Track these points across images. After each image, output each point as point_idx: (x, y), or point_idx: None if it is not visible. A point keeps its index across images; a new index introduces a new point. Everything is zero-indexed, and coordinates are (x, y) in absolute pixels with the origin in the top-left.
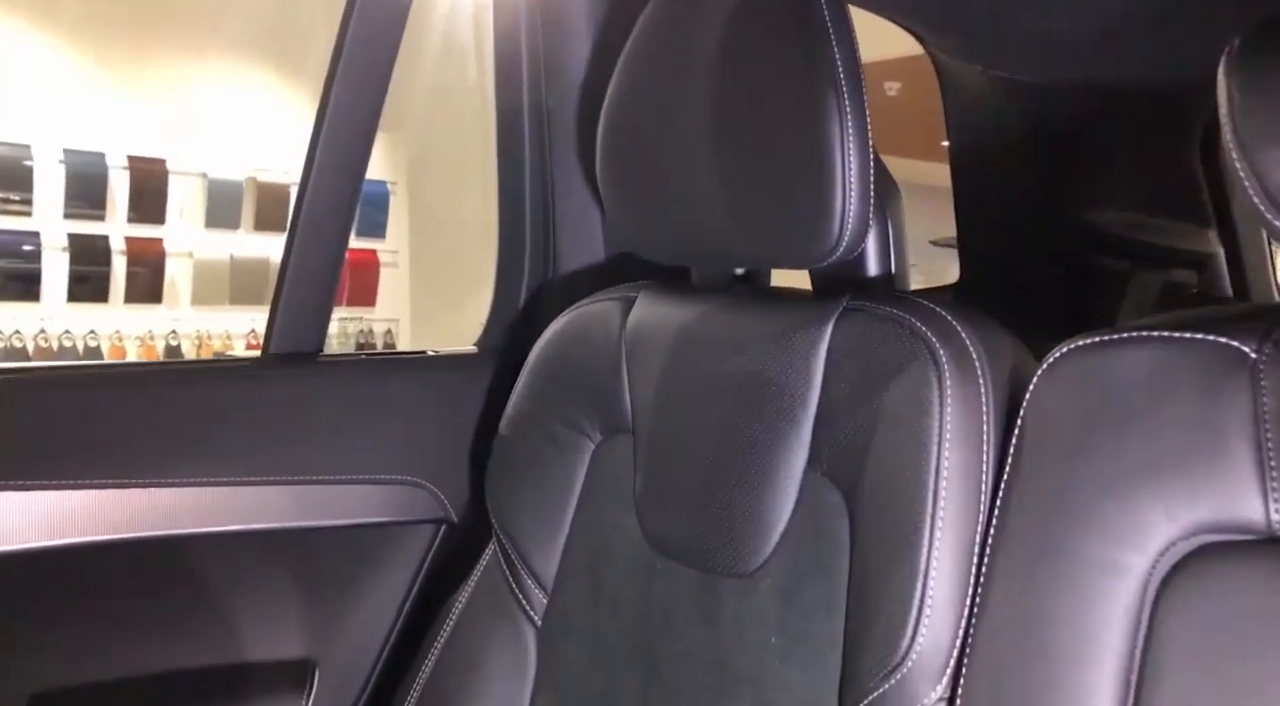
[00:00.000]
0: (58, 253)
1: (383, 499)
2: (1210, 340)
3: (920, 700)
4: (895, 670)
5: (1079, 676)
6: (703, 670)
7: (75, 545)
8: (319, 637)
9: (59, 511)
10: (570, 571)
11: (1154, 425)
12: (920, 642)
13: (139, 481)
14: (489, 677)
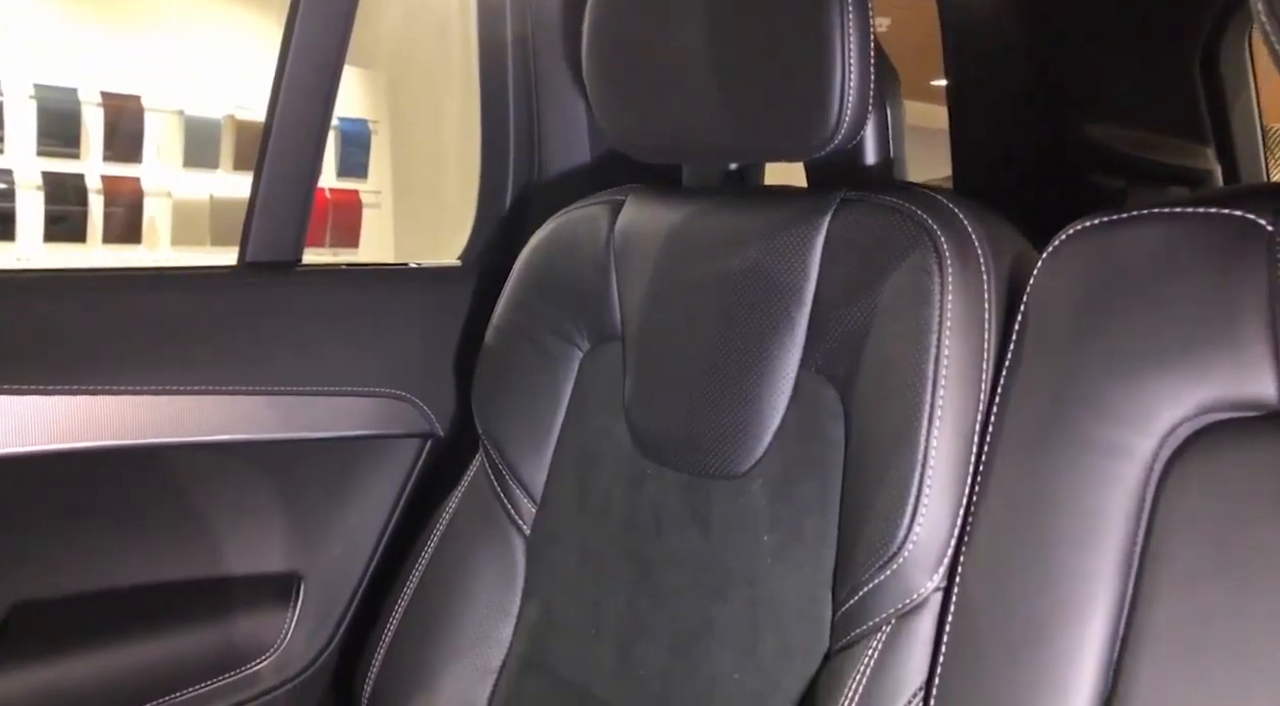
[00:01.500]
0: (32, 191)
1: (367, 412)
2: (1225, 214)
3: (916, 590)
4: (890, 560)
5: (1080, 559)
6: (693, 572)
7: (50, 452)
8: (305, 551)
9: (31, 417)
10: (559, 480)
11: (1163, 303)
12: (917, 532)
13: (114, 388)
14: (478, 587)
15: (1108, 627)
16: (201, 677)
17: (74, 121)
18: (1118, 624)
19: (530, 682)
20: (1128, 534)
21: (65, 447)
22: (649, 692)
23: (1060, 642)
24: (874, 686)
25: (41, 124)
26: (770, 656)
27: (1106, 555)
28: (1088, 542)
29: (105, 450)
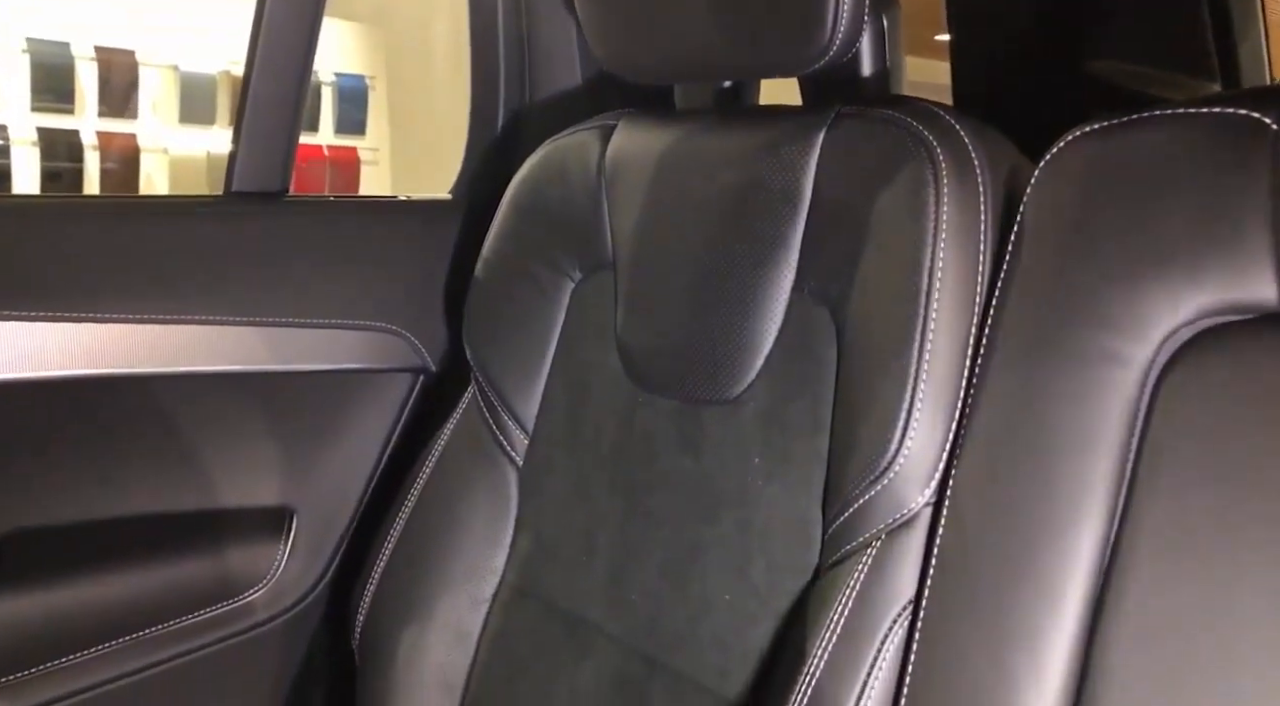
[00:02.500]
0: (27, 147)
1: (357, 345)
2: (1229, 113)
3: (907, 505)
4: (882, 475)
5: (1073, 468)
6: (684, 496)
7: (38, 380)
8: (297, 485)
9: (18, 344)
10: (550, 411)
11: (1162, 205)
12: (908, 446)
13: (100, 316)
14: (470, 518)
15: (1100, 535)
16: (194, 607)
17: (68, 76)
18: (1110, 530)
19: (522, 610)
20: (1122, 441)
21: (53, 376)
22: (640, 616)
23: (1052, 551)
24: (864, 600)
25: (35, 79)
26: (761, 576)
27: (1100, 463)
28: (1081, 451)
29: (93, 379)
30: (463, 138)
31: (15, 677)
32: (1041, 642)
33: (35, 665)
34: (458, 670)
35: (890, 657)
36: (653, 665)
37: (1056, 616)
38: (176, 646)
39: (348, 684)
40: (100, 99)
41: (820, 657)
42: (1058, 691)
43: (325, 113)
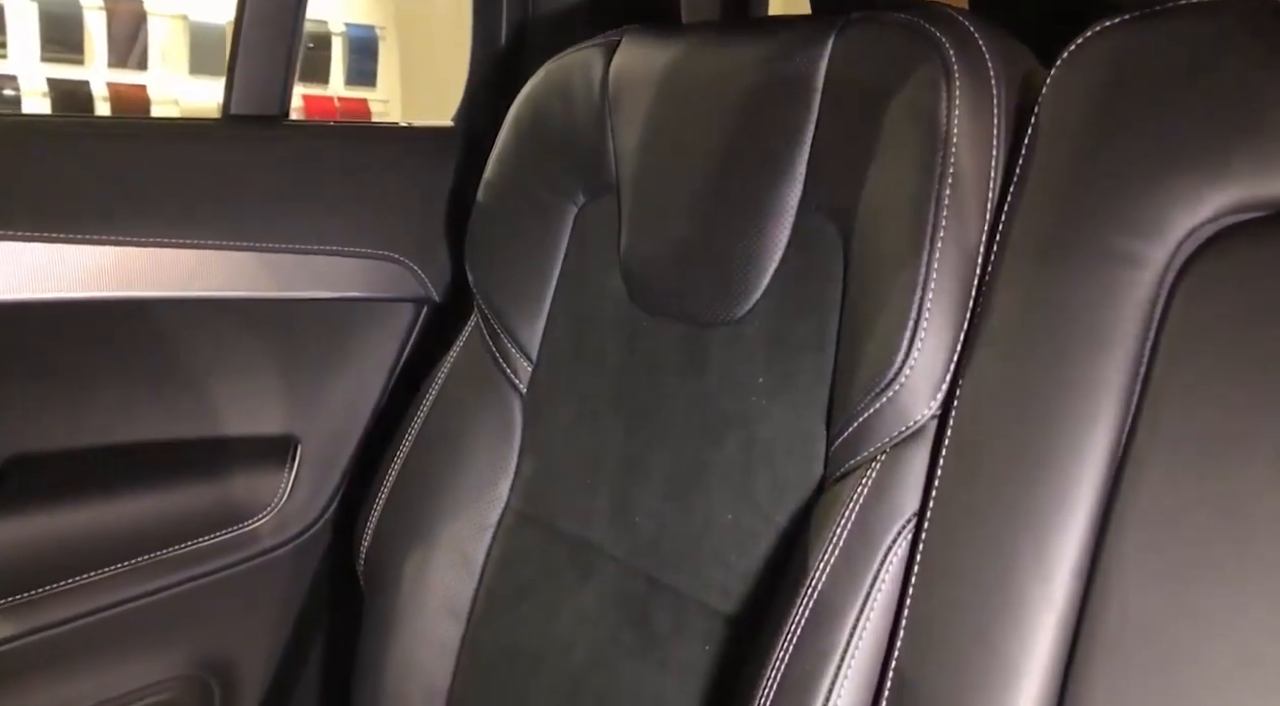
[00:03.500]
0: (38, 98)
1: (359, 273)
2: (1256, 3)
3: (912, 417)
4: (887, 388)
5: (1086, 372)
6: (688, 418)
7: (38, 302)
8: (301, 415)
9: (17, 264)
10: (554, 337)
11: (1186, 99)
12: (914, 357)
13: (100, 238)
14: (474, 445)
15: (1111, 440)
16: (199, 533)
17: (76, 26)
18: (1121, 435)
19: (526, 535)
20: (1136, 344)
21: (53, 297)
22: (642, 537)
23: (1061, 457)
24: (867, 514)
25: (44, 29)
26: (764, 494)
27: (1113, 367)
28: (1094, 356)
29: (91, 302)
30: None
31: (21, 598)
32: (1049, 549)
33: (41, 586)
34: (463, 595)
35: (894, 569)
36: (655, 584)
37: (1064, 522)
38: (182, 571)
39: (354, 610)
40: (110, 49)
41: (822, 571)
42: (1064, 597)
43: (335, 64)
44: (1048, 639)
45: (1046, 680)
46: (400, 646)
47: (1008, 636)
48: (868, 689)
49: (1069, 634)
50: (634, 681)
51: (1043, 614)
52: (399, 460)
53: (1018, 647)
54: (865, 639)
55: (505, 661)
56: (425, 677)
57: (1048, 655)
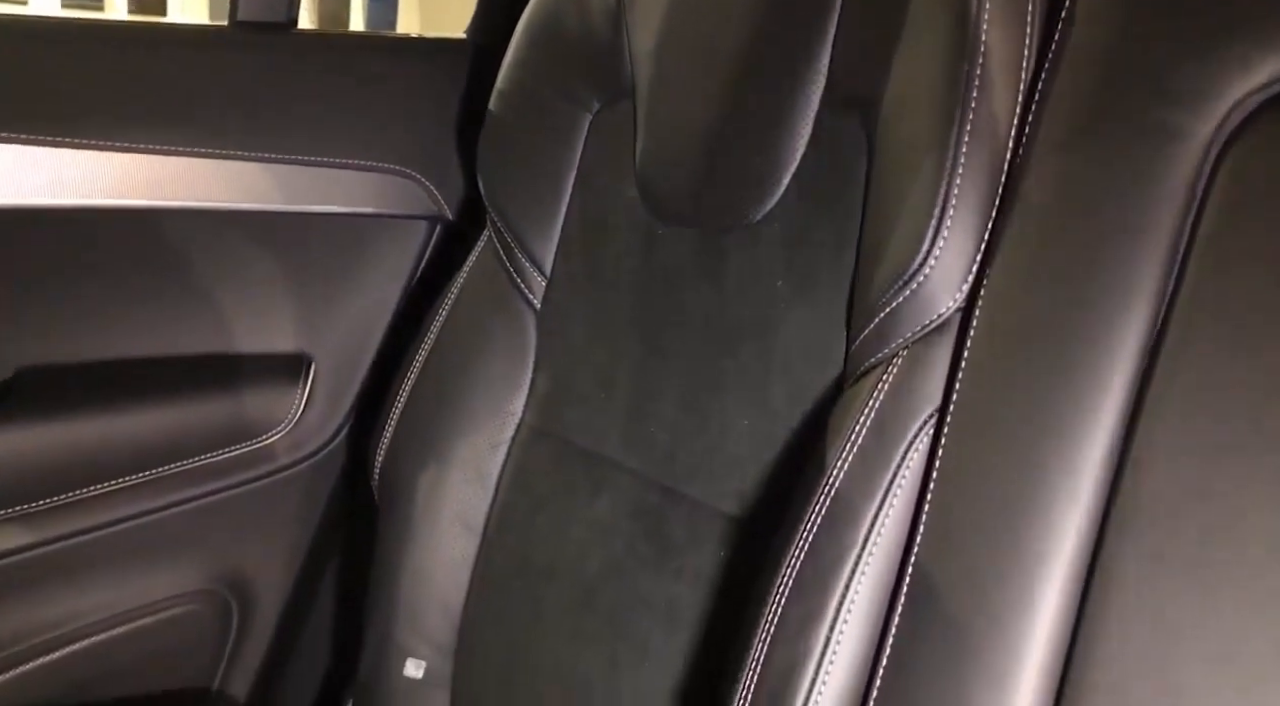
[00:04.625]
0: None
1: (370, 189)
2: None
3: (937, 310)
4: (911, 279)
5: (1121, 255)
6: (703, 329)
7: (50, 208)
8: (314, 333)
9: (29, 167)
10: (568, 251)
11: None
12: (940, 246)
13: (111, 144)
14: (487, 362)
15: (1146, 326)
16: (211, 448)
17: None
18: (1154, 323)
19: (541, 450)
20: (1175, 225)
21: (56, 204)
22: (658, 449)
23: (1091, 349)
24: (886, 412)
25: None
26: (781, 400)
27: (1150, 250)
28: (1130, 237)
29: (99, 210)
30: None
31: (35, 507)
32: (1076, 441)
33: (55, 495)
34: (477, 511)
35: (914, 466)
36: (670, 495)
37: (1093, 413)
38: (197, 486)
39: (369, 527)
40: None
41: (840, 469)
42: (1091, 489)
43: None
44: (1073, 530)
45: (1072, 571)
46: (414, 561)
47: (1032, 529)
48: (885, 586)
49: (1095, 525)
50: (648, 590)
51: (1068, 506)
52: (412, 377)
53: (1043, 540)
54: (884, 536)
55: (519, 574)
56: (439, 591)
57: (1073, 547)
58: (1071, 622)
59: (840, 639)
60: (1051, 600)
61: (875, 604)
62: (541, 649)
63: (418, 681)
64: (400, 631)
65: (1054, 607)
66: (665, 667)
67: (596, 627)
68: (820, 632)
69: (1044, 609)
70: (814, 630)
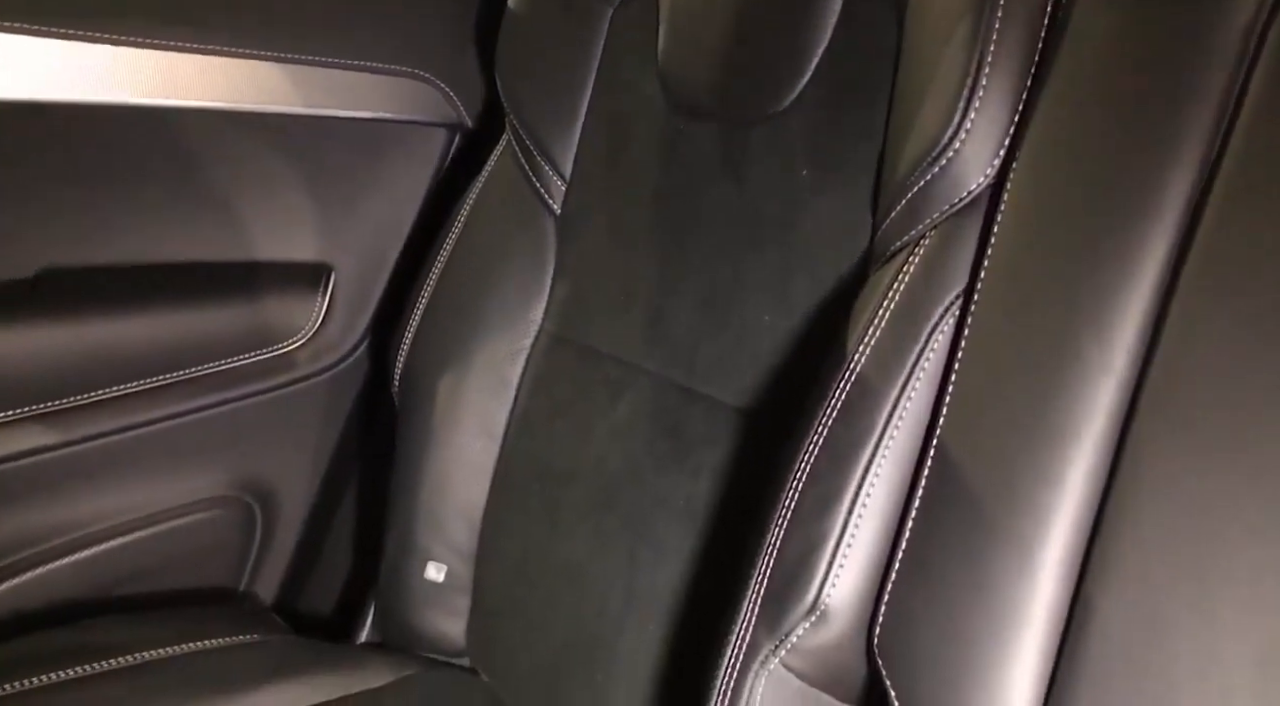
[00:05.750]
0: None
1: (389, 93)
2: None
3: (966, 187)
4: (941, 155)
5: (1164, 122)
6: (725, 226)
7: (67, 103)
8: (334, 241)
9: (33, 59)
10: (588, 153)
11: None
12: (972, 118)
13: (127, 39)
14: (507, 268)
15: (1183, 198)
16: (232, 352)
17: None
18: (1195, 189)
19: (560, 356)
20: (1222, 89)
21: (78, 99)
22: (678, 350)
23: (1128, 218)
24: (912, 294)
25: None
26: (803, 294)
27: (1195, 117)
28: (1174, 106)
29: (121, 108)
30: None
31: (58, 405)
32: (1109, 313)
33: (77, 394)
34: (497, 417)
35: (940, 347)
36: (690, 395)
37: (1130, 286)
38: (220, 392)
39: (391, 436)
40: None
41: (863, 353)
42: (1124, 362)
43: None
44: (1104, 404)
45: (1100, 446)
46: (435, 467)
47: (1062, 404)
48: (906, 467)
49: (1127, 399)
50: (667, 489)
51: (1101, 379)
52: (430, 285)
53: (1072, 415)
54: (906, 418)
55: (538, 479)
56: (460, 496)
57: (1103, 422)
58: (1098, 499)
59: (859, 521)
60: (1078, 476)
61: (896, 485)
62: (560, 550)
63: (438, 584)
64: (421, 536)
65: (1081, 484)
66: (683, 564)
67: (615, 528)
68: (839, 515)
69: (1071, 485)
70: (832, 513)
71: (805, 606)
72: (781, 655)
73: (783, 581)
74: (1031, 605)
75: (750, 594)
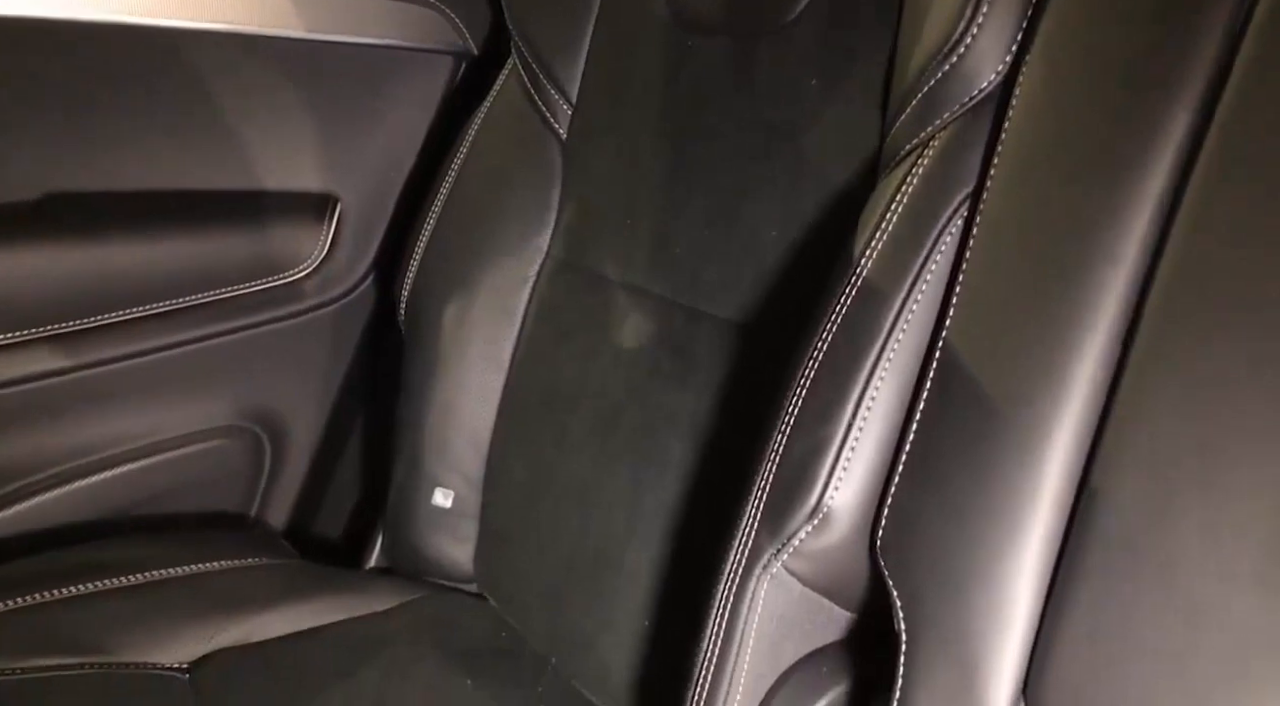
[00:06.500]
0: None
1: (396, 19)
2: None
3: (977, 86)
4: (951, 52)
5: (1184, 13)
6: (732, 140)
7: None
8: (339, 172)
9: None
10: (595, 74)
11: None
12: (984, 14)
13: None
14: (513, 196)
15: (1200, 89)
16: (237, 280)
17: None
18: (1211, 83)
19: (566, 283)
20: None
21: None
22: (683, 270)
23: (1146, 108)
24: (920, 196)
25: None
26: (811, 205)
27: (1213, 14)
28: None
29: (127, 30)
30: None
31: (65, 328)
32: (1124, 208)
33: (82, 317)
34: (503, 344)
35: (946, 249)
36: (694, 315)
37: (1144, 172)
38: (227, 320)
39: (398, 367)
40: None
41: (869, 258)
42: (1137, 249)
43: None
44: (1115, 292)
45: (1109, 341)
46: (442, 394)
47: (1071, 293)
48: (911, 371)
49: (1137, 287)
50: (672, 408)
51: (1110, 269)
52: (435, 212)
53: (1083, 309)
54: (912, 321)
55: (544, 403)
56: (466, 422)
57: (1114, 309)
58: (1104, 395)
59: (863, 425)
60: (1087, 368)
61: (901, 389)
62: (565, 472)
63: (445, 510)
64: (428, 462)
65: (1089, 376)
66: (687, 481)
67: (619, 448)
68: (842, 419)
69: (1078, 378)
70: (835, 417)
71: (807, 509)
72: (784, 559)
73: (785, 485)
74: (1036, 502)
75: (753, 498)
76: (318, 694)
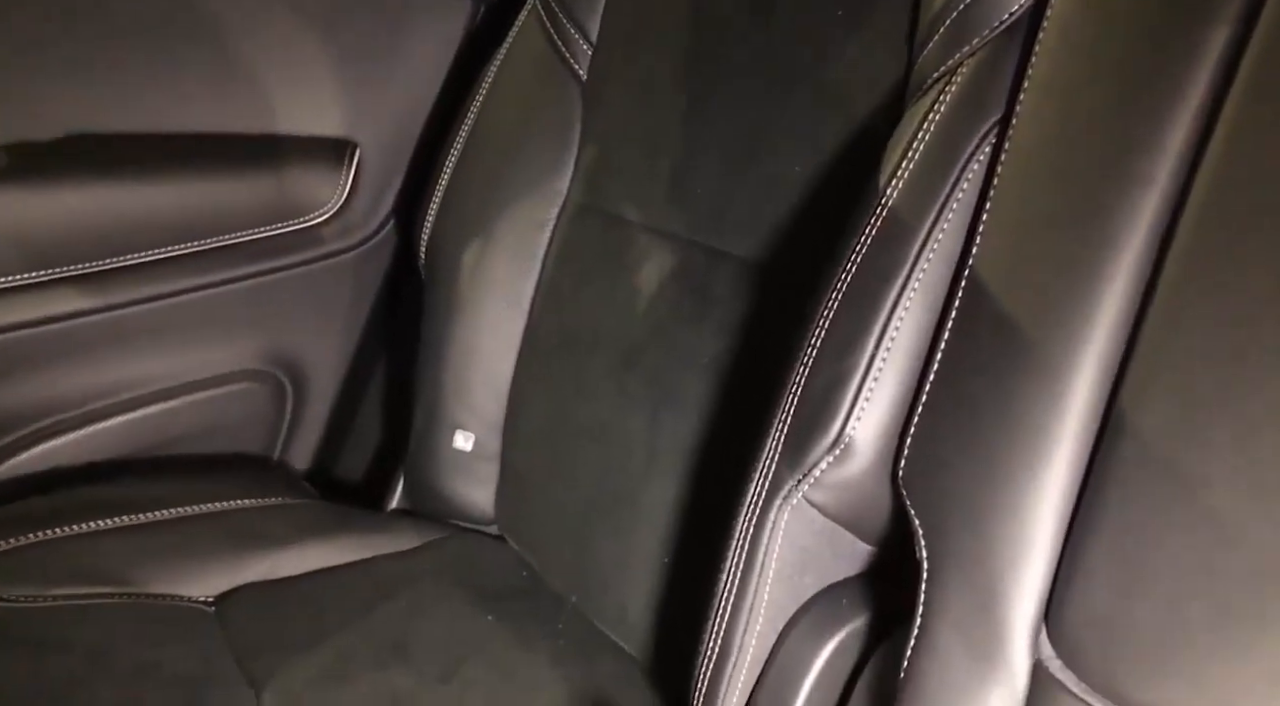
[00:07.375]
0: None
1: None
2: None
3: (1007, 9)
4: None
5: None
6: (755, 75)
7: None
8: (357, 117)
9: None
10: (615, 14)
11: None
12: None
13: None
14: (532, 138)
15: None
16: (257, 223)
17: None
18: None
19: (586, 225)
20: None
21: None
22: (703, 210)
23: (1181, 37)
24: (947, 124)
25: None
26: (834, 142)
27: None
28: None
29: None
30: None
31: (88, 268)
32: (1157, 129)
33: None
34: (523, 287)
35: (974, 177)
36: (715, 255)
37: (1178, 98)
38: (248, 265)
39: (419, 312)
40: None
41: (895, 187)
42: (1169, 179)
43: None
44: (1148, 215)
45: (1141, 259)
46: (462, 338)
47: (1101, 217)
48: (935, 301)
49: (1169, 209)
50: (691, 347)
51: (1143, 191)
52: (454, 155)
53: (1111, 227)
54: (938, 251)
55: (565, 346)
56: (486, 366)
57: (1145, 232)
58: (1133, 317)
59: (886, 355)
60: (1116, 293)
61: (925, 319)
62: (585, 413)
63: (466, 453)
64: (449, 405)
65: (1118, 301)
66: (707, 421)
67: (638, 387)
68: (865, 349)
69: (1107, 303)
70: (859, 347)
71: (829, 440)
72: (804, 489)
73: (807, 416)
74: (1061, 430)
75: (774, 430)
76: (341, 629)
